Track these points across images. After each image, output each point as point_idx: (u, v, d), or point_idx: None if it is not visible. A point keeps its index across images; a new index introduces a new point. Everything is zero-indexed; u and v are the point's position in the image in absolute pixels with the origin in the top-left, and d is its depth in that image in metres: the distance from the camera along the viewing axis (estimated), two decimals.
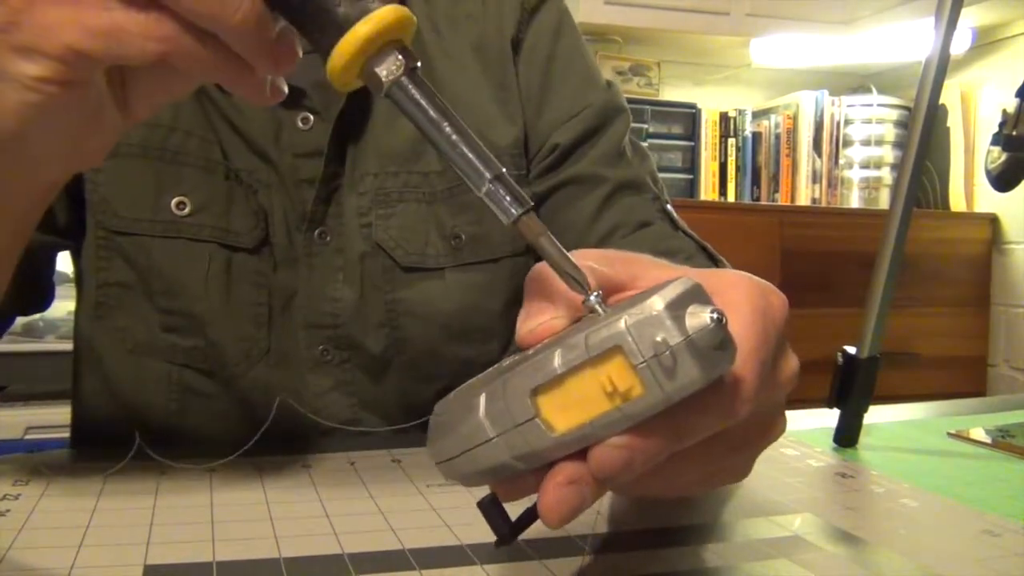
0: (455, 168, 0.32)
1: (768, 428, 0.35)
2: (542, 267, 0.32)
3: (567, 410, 0.28)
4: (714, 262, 0.67)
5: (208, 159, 0.64)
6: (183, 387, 0.64)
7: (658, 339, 0.27)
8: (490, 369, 0.32)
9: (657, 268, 0.35)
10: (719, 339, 0.27)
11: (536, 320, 0.32)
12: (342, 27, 0.31)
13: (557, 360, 0.28)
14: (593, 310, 0.30)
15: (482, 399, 0.30)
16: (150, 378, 0.64)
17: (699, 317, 0.27)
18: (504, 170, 0.31)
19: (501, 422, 0.29)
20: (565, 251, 0.31)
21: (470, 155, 0.31)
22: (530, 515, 0.31)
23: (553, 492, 0.29)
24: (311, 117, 0.65)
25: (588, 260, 0.33)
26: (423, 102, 0.32)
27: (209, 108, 0.64)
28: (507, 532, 0.31)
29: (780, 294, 0.35)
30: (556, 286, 0.32)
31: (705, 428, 0.30)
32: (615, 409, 0.28)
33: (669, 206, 0.71)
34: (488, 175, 0.31)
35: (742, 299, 0.32)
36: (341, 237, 0.66)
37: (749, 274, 0.35)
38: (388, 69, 0.31)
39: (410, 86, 0.32)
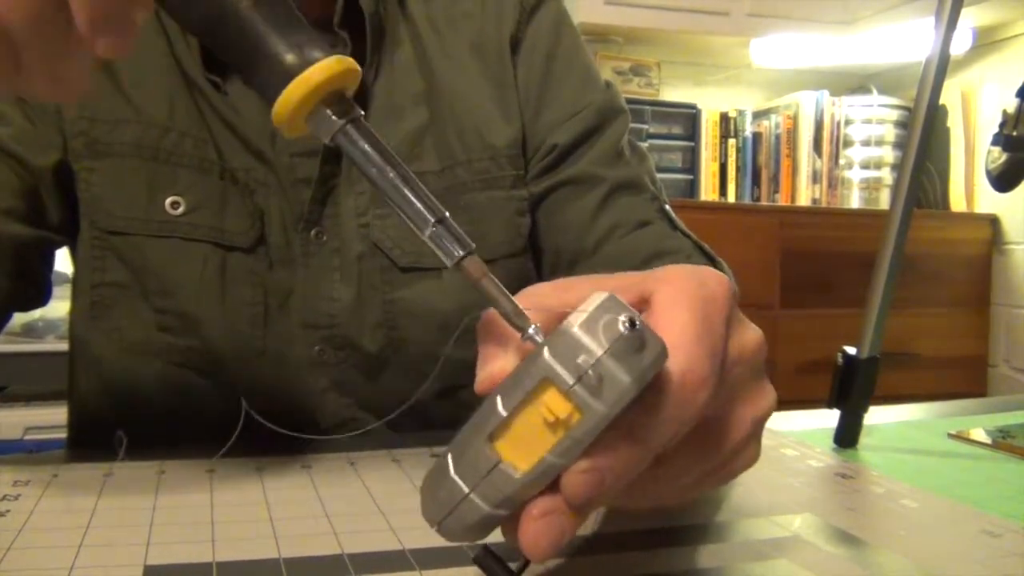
0: (400, 213, 0.33)
1: (750, 404, 0.35)
2: (490, 313, 0.33)
3: (524, 449, 0.29)
4: (712, 262, 0.67)
5: (203, 159, 0.64)
6: (179, 386, 0.64)
7: (579, 360, 0.28)
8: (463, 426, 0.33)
9: (604, 284, 0.35)
10: (637, 342, 0.28)
11: (489, 366, 0.33)
12: (289, 75, 0.32)
13: (500, 404, 0.29)
14: (534, 344, 0.31)
15: (450, 458, 0.31)
16: (146, 378, 0.64)
17: (613, 327, 0.28)
18: (447, 214, 0.33)
19: (470, 476, 0.30)
20: (506, 291, 0.32)
21: (414, 200, 0.33)
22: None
23: (529, 527, 0.29)
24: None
25: (539, 294, 0.34)
26: (369, 149, 0.33)
27: (204, 108, 0.64)
28: None
29: (718, 275, 0.35)
30: (504, 329, 0.32)
31: (667, 426, 0.30)
32: (565, 437, 0.28)
33: (667, 206, 0.71)
34: (431, 219, 0.32)
35: (677, 292, 0.33)
36: (338, 237, 0.66)
37: (685, 265, 0.36)
38: (334, 117, 0.33)
39: (355, 134, 0.33)
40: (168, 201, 0.63)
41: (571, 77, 0.73)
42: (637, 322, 0.28)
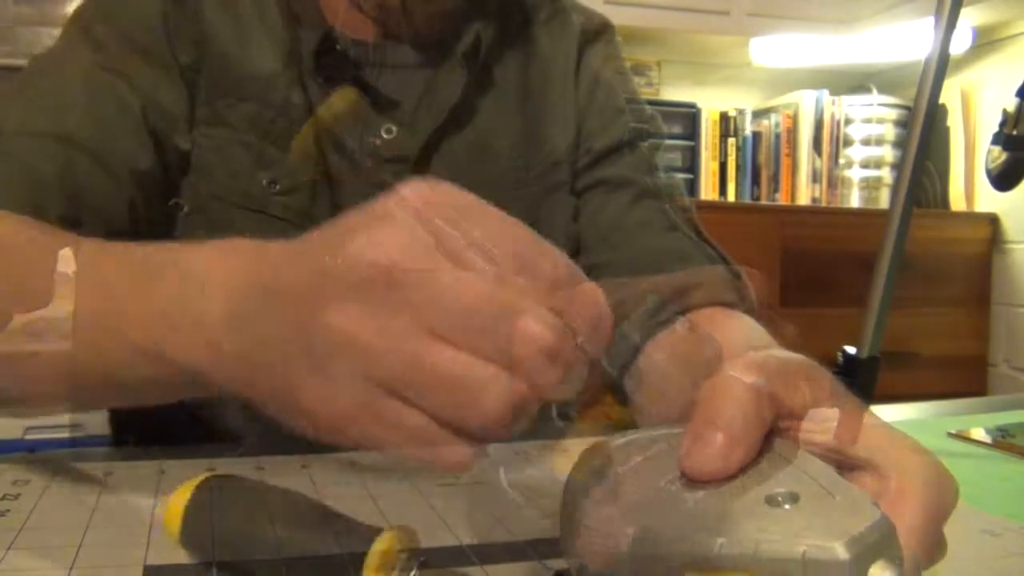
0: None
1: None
2: (732, 381, 0.31)
3: None
4: (735, 276, 0.68)
5: (304, 149, 0.66)
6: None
7: None
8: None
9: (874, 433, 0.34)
10: None
11: (705, 450, 0.30)
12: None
13: (717, 545, 0.26)
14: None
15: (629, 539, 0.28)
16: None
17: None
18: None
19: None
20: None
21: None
22: None
23: None
24: (394, 128, 0.68)
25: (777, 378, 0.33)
26: None
27: (311, 104, 0.67)
28: None
29: (950, 478, 0.34)
30: (752, 414, 0.30)
31: None
32: None
33: (695, 218, 0.74)
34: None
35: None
36: None
37: (921, 451, 0.34)
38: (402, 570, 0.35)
39: None
40: (265, 180, 0.65)
41: (614, 100, 0.78)
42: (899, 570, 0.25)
